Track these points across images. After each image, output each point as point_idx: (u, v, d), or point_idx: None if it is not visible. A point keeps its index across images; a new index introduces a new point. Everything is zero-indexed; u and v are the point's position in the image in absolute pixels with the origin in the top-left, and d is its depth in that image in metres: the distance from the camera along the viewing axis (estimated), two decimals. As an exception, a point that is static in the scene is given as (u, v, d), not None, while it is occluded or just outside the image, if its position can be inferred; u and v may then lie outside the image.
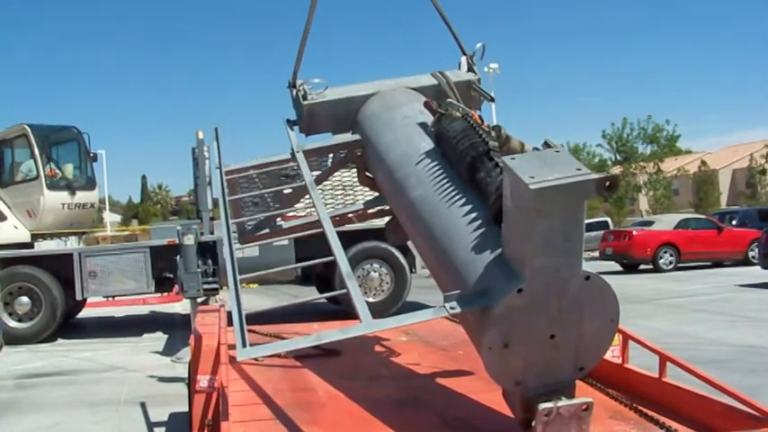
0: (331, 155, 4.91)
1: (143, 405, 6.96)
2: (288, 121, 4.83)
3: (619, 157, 49.00)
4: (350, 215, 5.15)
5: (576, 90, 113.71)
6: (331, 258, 3.54)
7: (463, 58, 4.75)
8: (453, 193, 3.38)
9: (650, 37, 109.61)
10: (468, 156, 3.36)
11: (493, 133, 3.52)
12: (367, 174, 4.63)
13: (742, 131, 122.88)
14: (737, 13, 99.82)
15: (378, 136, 4.19)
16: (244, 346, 3.05)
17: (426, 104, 3.99)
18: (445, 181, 3.49)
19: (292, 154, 4.46)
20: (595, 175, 2.57)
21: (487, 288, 2.84)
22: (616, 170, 45.41)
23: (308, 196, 4.47)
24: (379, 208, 4.92)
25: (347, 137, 4.57)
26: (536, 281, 2.71)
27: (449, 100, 3.95)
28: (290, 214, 5.26)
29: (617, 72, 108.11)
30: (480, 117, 4.22)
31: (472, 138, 3.44)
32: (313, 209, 4.32)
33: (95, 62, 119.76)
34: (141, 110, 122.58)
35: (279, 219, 5.21)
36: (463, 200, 3.30)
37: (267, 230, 5.16)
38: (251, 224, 5.10)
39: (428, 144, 3.80)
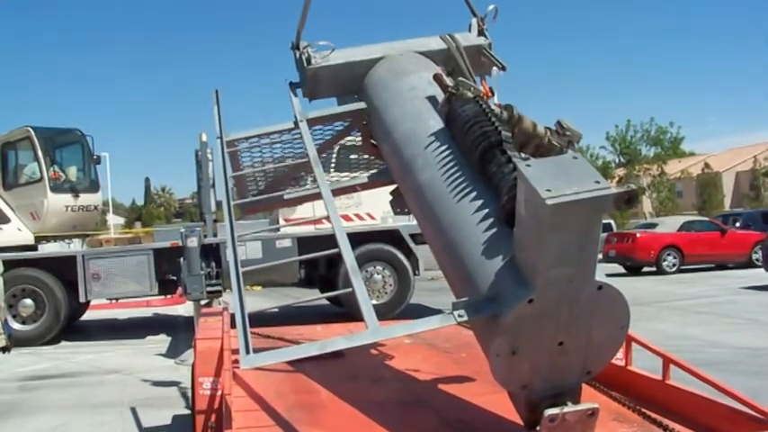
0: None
1: (136, 409, 6.95)
2: (291, 84, 4.60)
3: (622, 160, 48.90)
4: (356, 186, 5.00)
5: (578, 91, 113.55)
6: (336, 251, 3.44)
7: (474, 21, 4.53)
8: (463, 184, 3.27)
9: (654, 38, 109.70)
10: (480, 146, 3.24)
11: (504, 113, 3.40)
12: (372, 142, 4.46)
13: (746, 134, 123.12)
14: (741, 14, 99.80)
15: (384, 106, 4.02)
16: (247, 352, 3.01)
17: (436, 78, 3.83)
18: (455, 169, 3.36)
19: (295, 123, 4.30)
20: (615, 190, 2.50)
21: (497, 294, 2.79)
22: (619, 172, 45.30)
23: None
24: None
25: (353, 105, 4.40)
26: (548, 291, 2.65)
27: (460, 79, 3.75)
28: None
29: (620, 74, 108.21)
30: (491, 89, 4.08)
31: (484, 125, 3.30)
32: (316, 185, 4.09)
33: (98, 64, 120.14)
34: (145, 112, 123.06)
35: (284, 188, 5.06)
36: (474, 193, 3.20)
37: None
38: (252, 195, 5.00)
39: (437, 123, 3.65)
